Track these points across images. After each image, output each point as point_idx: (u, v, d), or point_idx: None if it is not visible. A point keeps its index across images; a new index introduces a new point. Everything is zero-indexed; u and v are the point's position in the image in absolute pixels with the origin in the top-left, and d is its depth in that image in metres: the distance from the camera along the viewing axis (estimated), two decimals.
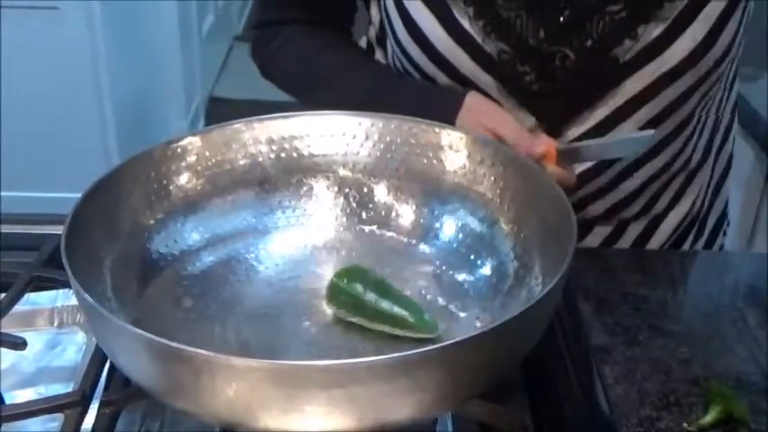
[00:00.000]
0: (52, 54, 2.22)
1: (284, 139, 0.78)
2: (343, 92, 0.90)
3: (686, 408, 0.68)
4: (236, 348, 0.66)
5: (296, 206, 0.78)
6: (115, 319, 0.55)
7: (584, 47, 0.82)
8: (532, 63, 0.83)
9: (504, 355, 0.58)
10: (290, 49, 0.94)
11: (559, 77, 0.83)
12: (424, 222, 0.76)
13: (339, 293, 0.68)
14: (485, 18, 0.82)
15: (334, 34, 0.95)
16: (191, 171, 0.75)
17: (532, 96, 0.84)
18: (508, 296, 0.68)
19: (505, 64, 0.83)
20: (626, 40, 0.81)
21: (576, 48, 0.82)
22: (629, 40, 0.81)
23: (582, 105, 0.85)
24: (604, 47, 0.81)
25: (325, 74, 0.92)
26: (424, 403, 0.55)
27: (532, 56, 0.82)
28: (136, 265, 0.69)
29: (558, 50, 0.82)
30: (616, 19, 0.81)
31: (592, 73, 0.83)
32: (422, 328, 0.66)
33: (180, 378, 0.54)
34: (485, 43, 0.83)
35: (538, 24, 0.81)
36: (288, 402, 0.52)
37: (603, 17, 0.81)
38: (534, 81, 0.84)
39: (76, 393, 0.63)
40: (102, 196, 0.68)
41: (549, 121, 0.86)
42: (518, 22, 0.82)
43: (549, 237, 0.67)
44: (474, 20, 0.82)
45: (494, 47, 0.83)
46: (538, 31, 0.82)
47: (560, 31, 0.81)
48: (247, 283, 0.72)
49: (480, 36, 0.82)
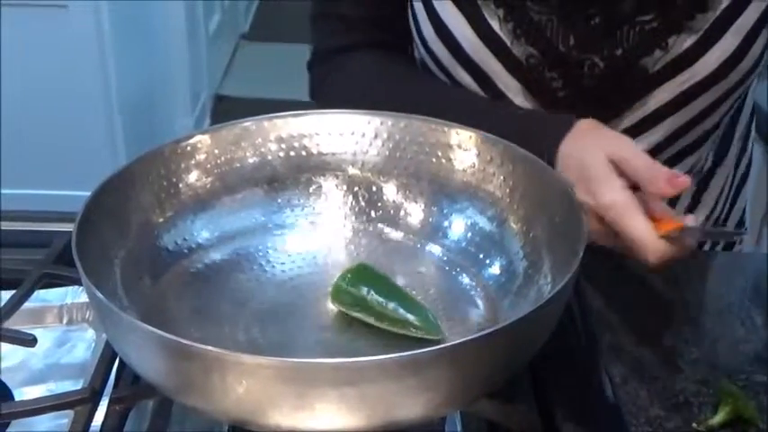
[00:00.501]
0: (60, 51, 2.23)
1: (293, 137, 0.78)
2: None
3: (695, 407, 0.68)
4: (245, 346, 0.66)
5: (305, 204, 0.78)
6: (126, 316, 0.55)
7: (613, 55, 0.81)
8: (560, 69, 0.82)
9: (514, 354, 0.58)
10: (362, 83, 0.89)
11: (587, 85, 0.82)
12: (433, 221, 0.76)
13: (343, 294, 0.68)
14: (515, 20, 0.81)
15: (403, 61, 0.91)
16: (200, 169, 0.75)
17: (558, 103, 0.84)
18: (517, 295, 0.68)
19: (533, 69, 0.82)
20: (656, 51, 0.80)
21: (605, 56, 0.81)
22: (660, 50, 0.80)
23: (608, 114, 0.84)
24: (634, 56, 0.81)
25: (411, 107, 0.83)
26: (433, 402, 0.55)
27: (561, 62, 0.82)
28: (145, 262, 0.69)
29: (586, 58, 0.81)
30: (647, 29, 0.80)
31: (620, 82, 0.82)
32: (426, 329, 0.65)
33: (190, 375, 0.54)
34: (513, 46, 0.82)
35: (568, 30, 0.81)
36: (298, 400, 0.53)
37: (634, 27, 0.80)
38: (561, 87, 0.83)
39: (86, 390, 0.63)
40: (112, 194, 0.68)
41: None
42: (548, 27, 0.81)
43: (558, 236, 0.67)
44: (504, 22, 0.81)
45: (522, 51, 0.82)
46: (568, 37, 0.81)
47: (590, 39, 0.81)
48: (256, 281, 0.72)
49: (509, 39, 0.82)
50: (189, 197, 0.74)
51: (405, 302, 0.67)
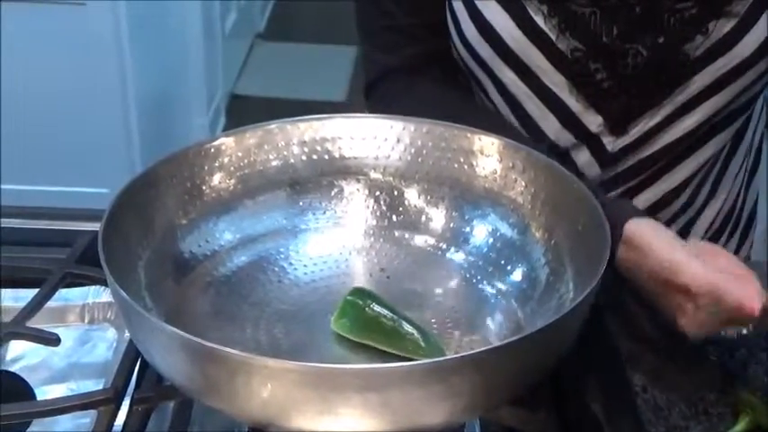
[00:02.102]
0: (77, 49, 2.24)
1: (316, 141, 0.78)
2: None
3: (715, 417, 0.68)
4: (266, 348, 0.66)
5: (327, 208, 0.78)
6: (153, 319, 0.56)
7: (656, 43, 0.82)
8: (604, 61, 0.83)
9: (537, 362, 0.58)
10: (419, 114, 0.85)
11: (630, 75, 0.84)
12: (455, 227, 0.76)
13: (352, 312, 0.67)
14: (559, 16, 0.82)
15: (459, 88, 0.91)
16: (223, 171, 0.75)
17: (602, 95, 0.85)
18: (539, 303, 0.68)
19: (578, 61, 0.84)
20: (697, 37, 0.82)
21: (648, 45, 0.82)
22: (701, 35, 0.82)
23: (650, 102, 0.85)
24: (676, 43, 0.82)
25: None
26: (456, 408, 0.56)
27: (605, 53, 0.83)
28: (169, 264, 0.70)
29: (630, 47, 0.83)
30: (687, 16, 0.81)
31: (663, 69, 0.83)
32: (430, 352, 0.64)
33: (215, 378, 0.54)
34: (558, 41, 0.83)
35: (611, 22, 0.82)
36: (322, 405, 0.53)
37: (675, 14, 0.81)
38: (605, 79, 0.84)
39: (109, 390, 0.64)
40: (136, 195, 0.68)
41: (616, 119, 0.86)
42: (592, 20, 0.82)
43: (580, 244, 0.67)
44: (549, 18, 0.83)
45: (567, 45, 0.83)
46: (611, 28, 0.82)
47: (633, 29, 0.82)
48: (278, 284, 0.73)
49: (554, 34, 0.83)
50: (212, 199, 0.74)
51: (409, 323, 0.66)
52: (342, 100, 3.05)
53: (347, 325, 0.66)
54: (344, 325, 0.66)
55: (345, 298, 0.67)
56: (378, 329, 0.66)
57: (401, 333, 0.65)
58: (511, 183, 0.74)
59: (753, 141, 0.99)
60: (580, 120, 0.86)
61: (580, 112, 0.86)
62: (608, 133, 0.87)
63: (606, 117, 0.86)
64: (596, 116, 0.86)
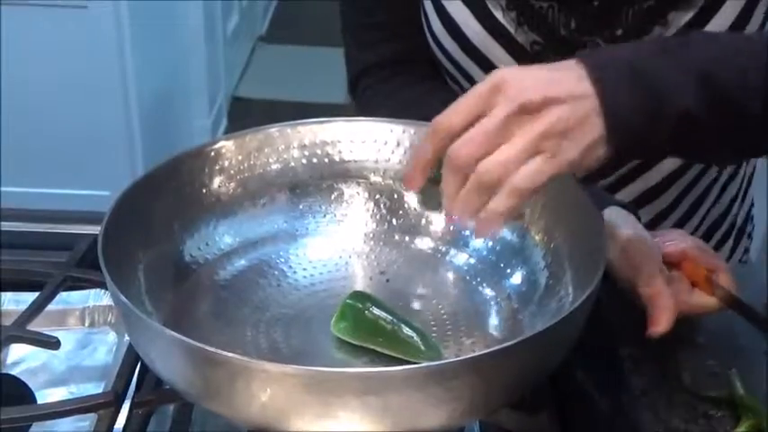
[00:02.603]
0: (79, 51, 2.24)
1: (317, 144, 0.78)
2: None
3: (715, 421, 0.68)
4: (267, 352, 0.66)
5: (327, 211, 0.78)
6: (152, 323, 0.56)
7: (614, 36, 0.82)
8: (564, 53, 0.82)
9: (537, 365, 0.58)
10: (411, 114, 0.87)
11: None
12: (455, 230, 0.76)
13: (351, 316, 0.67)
14: (517, 9, 0.83)
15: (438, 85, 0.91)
16: (223, 175, 0.75)
17: None
18: (538, 306, 0.69)
19: (537, 54, 0.84)
20: (656, 28, 0.81)
21: (606, 37, 0.82)
22: (660, 27, 0.81)
23: None
24: (635, 35, 0.82)
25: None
26: (456, 412, 0.56)
27: (564, 46, 0.83)
28: (169, 267, 0.70)
29: (589, 40, 0.83)
30: (645, 7, 0.81)
31: None
32: (430, 355, 0.65)
33: (215, 382, 0.54)
34: (517, 34, 0.84)
35: (569, 14, 0.82)
36: (321, 408, 0.53)
37: (633, 6, 0.81)
38: None
39: (109, 394, 0.64)
40: (136, 199, 0.69)
41: None
42: (550, 13, 0.82)
43: (580, 247, 0.67)
44: (507, 11, 0.83)
45: (526, 37, 0.84)
46: (569, 21, 0.82)
47: (591, 21, 0.82)
48: (277, 287, 0.73)
49: (513, 27, 0.83)
50: (212, 203, 0.75)
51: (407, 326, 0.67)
52: (343, 102, 3.05)
53: (347, 328, 0.66)
54: (344, 328, 0.66)
55: (345, 301, 0.67)
56: (377, 333, 0.66)
57: (401, 336, 0.65)
58: None
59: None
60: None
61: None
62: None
63: None
64: None
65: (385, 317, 0.66)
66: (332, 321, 0.67)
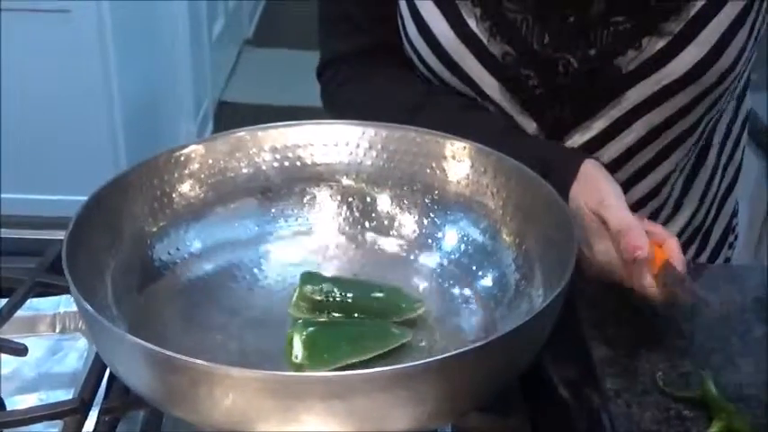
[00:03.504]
0: (63, 56, 2.23)
1: (288, 147, 0.78)
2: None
3: (688, 422, 0.68)
4: (236, 357, 0.66)
5: (299, 215, 0.78)
6: (113, 328, 0.55)
7: (587, 55, 0.82)
8: (536, 67, 0.83)
9: (504, 367, 0.58)
10: (378, 105, 0.90)
11: (562, 83, 0.83)
12: (427, 232, 0.76)
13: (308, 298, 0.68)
14: (491, 19, 0.82)
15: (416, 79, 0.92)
16: (194, 179, 0.75)
17: (535, 101, 0.85)
18: (510, 308, 0.68)
19: (509, 66, 0.84)
20: (629, 51, 0.81)
21: (579, 55, 0.82)
22: (633, 50, 0.81)
23: (584, 113, 0.85)
24: (608, 56, 0.82)
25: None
26: (423, 415, 0.55)
27: (536, 60, 0.83)
28: (137, 272, 0.70)
29: (561, 57, 0.82)
30: (620, 29, 0.81)
31: (594, 81, 0.83)
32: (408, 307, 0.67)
33: (178, 387, 0.54)
34: (490, 44, 0.83)
35: (543, 29, 0.82)
36: (286, 413, 0.53)
37: (608, 27, 0.81)
38: (537, 86, 0.84)
39: (76, 401, 0.63)
40: (104, 204, 0.68)
41: (552, 127, 0.86)
42: (523, 26, 0.82)
43: (550, 248, 0.67)
44: (480, 20, 0.83)
45: (498, 49, 0.83)
46: (542, 35, 0.82)
47: (564, 38, 0.82)
48: (249, 292, 0.72)
49: (485, 37, 0.83)
50: (182, 207, 0.74)
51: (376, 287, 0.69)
52: None
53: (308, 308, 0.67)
54: (305, 308, 0.67)
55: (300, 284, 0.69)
56: (344, 304, 0.67)
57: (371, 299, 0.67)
58: (482, 188, 0.74)
59: (723, 161, 0.97)
60: (515, 122, 0.86)
61: (514, 115, 0.86)
62: (544, 138, 0.86)
63: (540, 124, 0.86)
64: (531, 122, 0.86)
65: (346, 287, 0.68)
66: (291, 303, 0.68)
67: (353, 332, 0.66)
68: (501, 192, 0.73)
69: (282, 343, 0.66)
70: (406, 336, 0.66)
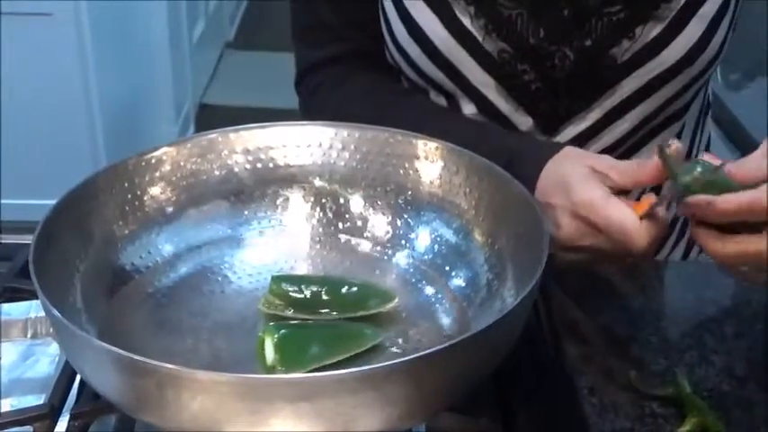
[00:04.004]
0: (43, 60, 2.22)
1: (260, 149, 0.77)
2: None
3: (661, 419, 0.68)
4: (208, 360, 0.65)
5: (272, 217, 0.77)
6: (79, 332, 0.55)
7: (583, 47, 0.82)
8: (532, 62, 0.84)
9: (474, 367, 0.58)
10: (356, 111, 0.88)
11: (558, 77, 0.84)
12: (400, 233, 0.75)
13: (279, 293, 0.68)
14: (486, 17, 0.83)
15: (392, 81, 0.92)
16: (165, 182, 0.74)
17: (531, 96, 0.85)
18: (482, 307, 0.68)
19: (505, 63, 0.84)
20: (624, 41, 0.82)
21: (575, 47, 0.82)
22: (628, 40, 0.82)
23: (579, 105, 0.86)
24: (603, 47, 0.82)
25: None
26: (392, 416, 0.55)
27: (532, 55, 0.83)
28: (108, 276, 0.69)
29: (557, 50, 0.83)
30: (614, 20, 0.82)
31: (590, 72, 0.84)
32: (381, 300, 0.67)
33: (145, 392, 0.53)
34: (485, 42, 0.83)
35: (538, 24, 0.82)
36: (254, 416, 0.52)
37: (602, 18, 0.82)
38: (533, 80, 0.84)
39: (45, 406, 0.63)
40: (74, 207, 0.68)
41: (547, 120, 0.86)
42: (518, 21, 0.82)
43: (522, 248, 0.67)
44: (475, 18, 0.83)
45: (494, 46, 0.83)
46: (538, 30, 0.82)
47: (560, 31, 0.82)
48: (221, 295, 0.72)
49: (481, 35, 0.83)
50: (154, 210, 0.74)
51: (349, 283, 0.69)
52: None
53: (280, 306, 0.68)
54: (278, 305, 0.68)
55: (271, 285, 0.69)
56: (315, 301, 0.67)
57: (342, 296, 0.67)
58: (455, 188, 0.74)
59: (695, 144, 0.99)
60: (510, 120, 0.86)
61: (510, 113, 0.86)
62: (539, 134, 0.87)
63: (536, 118, 0.86)
64: (526, 117, 0.86)
65: (317, 284, 0.68)
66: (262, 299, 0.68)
67: (325, 334, 0.66)
68: (473, 191, 0.73)
69: (255, 346, 0.66)
70: (378, 337, 0.66)
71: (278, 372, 0.62)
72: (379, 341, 0.65)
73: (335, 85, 0.91)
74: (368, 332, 0.66)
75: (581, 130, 0.86)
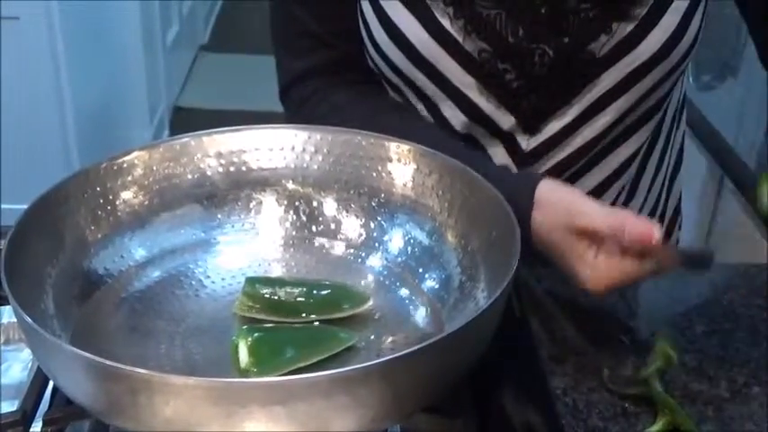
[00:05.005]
0: (13, 64, 2.20)
1: (233, 152, 0.77)
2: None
3: (633, 418, 0.69)
4: (182, 365, 0.65)
5: (245, 220, 0.77)
6: (50, 337, 0.55)
7: (561, 43, 0.83)
8: (512, 61, 0.84)
9: (448, 368, 0.58)
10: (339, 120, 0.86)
11: (539, 74, 0.85)
12: (373, 235, 0.76)
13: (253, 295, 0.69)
14: (465, 17, 0.83)
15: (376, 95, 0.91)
16: (138, 186, 0.74)
17: (512, 94, 0.86)
18: (455, 308, 0.69)
19: (486, 63, 0.84)
20: (602, 36, 0.83)
21: (554, 45, 0.83)
22: (605, 35, 0.83)
23: (560, 100, 0.87)
24: (581, 43, 0.83)
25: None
26: (367, 418, 0.55)
27: (512, 54, 0.84)
28: (80, 281, 0.69)
29: (536, 48, 0.84)
30: (591, 16, 0.83)
31: (570, 68, 0.85)
32: (355, 301, 0.68)
33: (118, 397, 0.53)
34: (465, 42, 0.84)
35: (516, 23, 0.83)
36: (227, 420, 0.52)
37: (578, 14, 0.83)
38: (514, 79, 0.85)
39: (18, 412, 0.62)
40: (45, 212, 0.67)
41: (529, 118, 0.87)
42: (497, 21, 0.83)
43: (494, 249, 0.67)
44: (454, 19, 0.83)
45: (474, 46, 0.84)
46: (517, 29, 0.83)
47: (538, 29, 0.83)
48: (195, 299, 0.72)
49: (461, 35, 0.84)
50: (126, 214, 0.74)
51: (323, 285, 0.70)
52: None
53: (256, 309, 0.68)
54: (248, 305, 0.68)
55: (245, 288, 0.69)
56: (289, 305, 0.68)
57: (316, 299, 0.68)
58: (428, 190, 0.74)
59: (670, 143, 1.00)
60: (492, 119, 0.87)
61: (492, 112, 0.86)
62: (521, 132, 0.87)
63: (518, 116, 0.87)
64: (508, 116, 0.87)
65: (291, 286, 0.69)
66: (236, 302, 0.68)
67: (299, 337, 0.66)
68: (446, 193, 0.73)
69: (229, 349, 0.66)
70: (352, 339, 0.66)
71: (252, 375, 0.62)
72: (354, 343, 0.66)
73: (323, 98, 0.91)
74: (342, 335, 0.66)
75: (563, 126, 0.87)
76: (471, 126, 0.88)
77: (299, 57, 0.92)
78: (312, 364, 0.63)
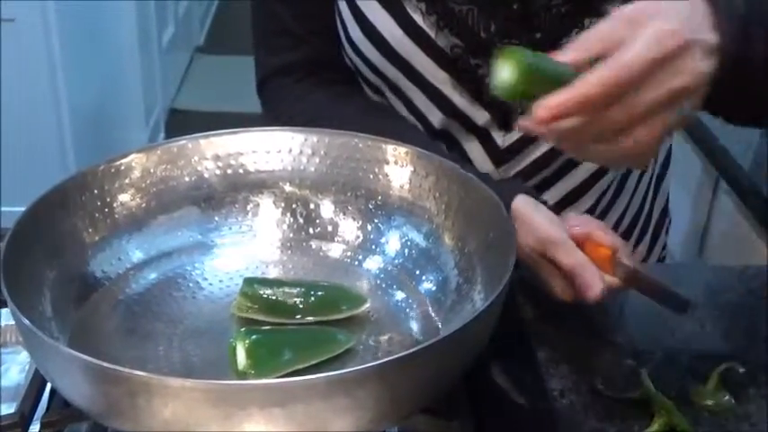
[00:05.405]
0: (9, 66, 2.20)
1: (230, 155, 0.77)
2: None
3: (630, 419, 0.69)
4: (179, 367, 0.65)
5: (242, 222, 0.77)
6: (48, 340, 0.55)
7: (533, 39, 0.83)
8: (484, 56, 0.85)
9: (445, 370, 0.58)
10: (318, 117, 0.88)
11: None
12: (370, 238, 0.76)
13: (250, 296, 0.69)
14: (437, 13, 0.84)
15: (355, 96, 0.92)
16: (135, 188, 0.74)
17: (485, 90, 0.86)
18: (452, 310, 0.69)
19: (458, 58, 0.85)
20: (573, 32, 0.83)
21: (525, 40, 0.83)
22: (577, 30, 0.83)
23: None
24: (553, 38, 0.83)
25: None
26: (364, 420, 0.55)
27: (484, 49, 0.84)
28: (78, 283, 0.69)
29: (508, 43, 0.84)
30: (563, 11, 0.83)
31: None
32: (352, 303, 0.68)
33: (116, 399, 0.53)
34: (437, 38, 0.84)
35: (488, 18, 0.83)
36: (226, 422, 0.52)
37: (550, 10, 0.83)
38: (487, 74, 0.85)
39: (16, 415, 0.62)
40: (43, 214, 0.67)
41: (503, 113, 0.87)
42: (469, 17, 0.83)
43: (491, 251, 0.68)
44: (426, 15, 0.84)
45: (446, 42, 0.84)
46: (489, 24, 0.83)
47: (510, 24, 0.83)
48: (192, 301, 0.72)
49: (433, 31, 0.84)
50: (124, 216, 0.74)
51: (320, 287, 0.70)
52: None
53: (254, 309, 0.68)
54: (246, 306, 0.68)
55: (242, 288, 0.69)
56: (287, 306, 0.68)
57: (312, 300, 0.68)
58: (424, 192, 0.75)
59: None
60: (466, 114, 0.87)
61: (465, 107, 0.87)
62: (497, 128, 0.88)
63: (491, 112, 0.87)
64: (482, 111, 0.87)
65: (289, 287, 0.69)
66: (233, 305, 0.68)
67: (297, 339, 0.66)
68: (443, 196, 0.73)
69: (226, 351, 0.66)
70: (350, 341, 0.66)
71: (250, 377, 0.62)
72: (351, 345, 0.66)
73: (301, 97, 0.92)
74: (340, 337, 0.66)
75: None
76: (447, 122, 0.89)
77: (277, 54, 0.93)
78: (310, 366, 0.64)
